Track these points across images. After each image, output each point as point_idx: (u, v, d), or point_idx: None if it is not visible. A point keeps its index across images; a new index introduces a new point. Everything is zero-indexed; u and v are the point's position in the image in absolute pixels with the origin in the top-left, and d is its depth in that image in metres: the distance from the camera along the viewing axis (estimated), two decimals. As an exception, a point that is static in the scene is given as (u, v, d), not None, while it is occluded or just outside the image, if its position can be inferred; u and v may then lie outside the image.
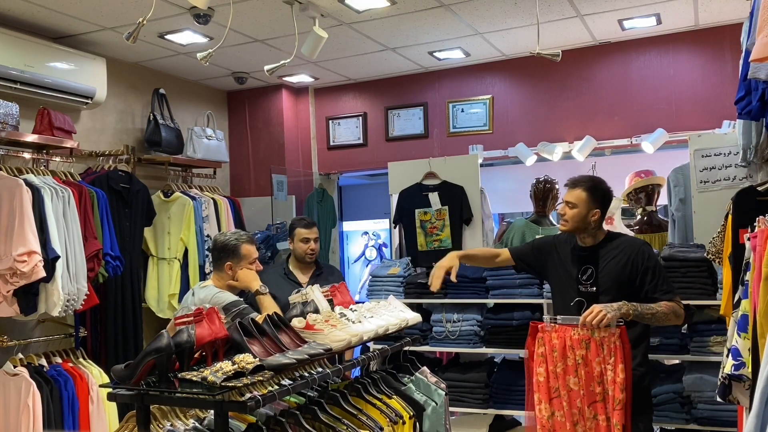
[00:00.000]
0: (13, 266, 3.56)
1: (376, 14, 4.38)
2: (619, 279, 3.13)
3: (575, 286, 3.22)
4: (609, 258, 3.18)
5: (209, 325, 2.18)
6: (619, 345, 2.91)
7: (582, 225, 3.21)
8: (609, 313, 2.90)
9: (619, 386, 2.88)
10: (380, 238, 8.01)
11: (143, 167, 5.15)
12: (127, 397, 2.08)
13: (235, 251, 3.27)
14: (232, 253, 3.27)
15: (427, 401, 2.81)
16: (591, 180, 3.27)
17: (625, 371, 2.90)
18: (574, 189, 3.22)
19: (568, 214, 3.20)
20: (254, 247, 3.36)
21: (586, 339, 2.95)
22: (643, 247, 3.21)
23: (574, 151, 5.13)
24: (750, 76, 2.25)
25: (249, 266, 3.27)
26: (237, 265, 3.26)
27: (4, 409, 3.67)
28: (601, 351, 2.93)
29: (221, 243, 3.32)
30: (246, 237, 3.36)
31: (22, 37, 4.18)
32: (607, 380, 2.92)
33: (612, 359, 2.90)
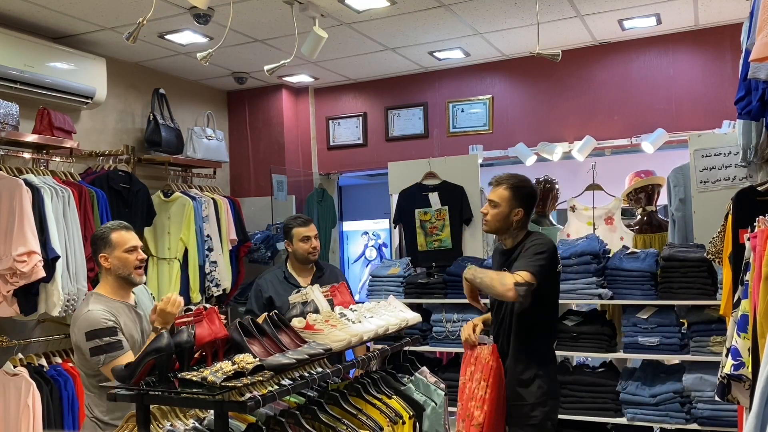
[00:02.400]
0: (12, 266, 3.56)
1: (376, 14, 4.38)
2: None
3: None
4: (518, 259, 3.01)
5: (209, 325, 2.18)
6: (487, 362, 2.93)
7: (503, 225, 3.07)
8: (467, 327, 3.04)
9: (476, 402, 2.87)
10: (380, 238, 8.01)
11: (143, 167, 5.15)
12: (127, 397, 2.08)
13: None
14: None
15: (426, 401, 2.81)
16: (515, 177, 3.12)
17: (486, 389, 2.88)
18: (498, 187, 3.08)
19: (490, 213, 3.07)
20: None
21: (477, 356, 3.01)
22: (538, 239, 3.04)
23: (574, 151, 5.13)
24: (750, 76, 2.25)
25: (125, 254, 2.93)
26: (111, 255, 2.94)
27: (4, 409, 3.67)
28: (479, 368, 2.96)
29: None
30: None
31: (22, 37, 4.18)
32: (475, 397, 2.92)
33: (479, 375, 2.93)
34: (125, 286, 2.95)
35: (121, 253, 2.89)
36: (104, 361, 2.69)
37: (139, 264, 2.93)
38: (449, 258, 4.76)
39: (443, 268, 4.62)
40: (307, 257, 3.81)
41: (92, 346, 2.71)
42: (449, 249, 4.87)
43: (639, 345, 3.84)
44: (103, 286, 2.93)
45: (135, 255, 2.92)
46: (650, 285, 3.89)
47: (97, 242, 2.94)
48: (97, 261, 2.94)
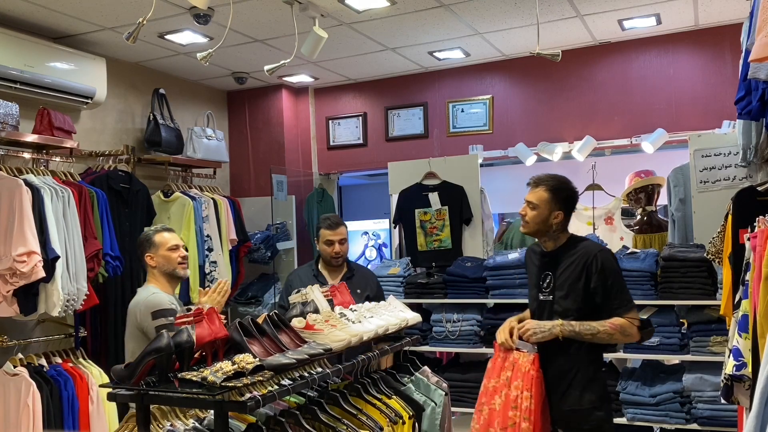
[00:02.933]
0: (12, 266, 3.56)
1: (376, 14, 4.38)
2: (575, 288, 2.90)
3: (536, 293, 3.05)
4: (566, 265, 2.94)
5: (209, 325, 2.18)
6: (528, 371, 2.85)
7: (543, 227, 2.96)
8: (537, 334, 2.86)
9: (521, 413, 2.81)
10: (380, 238, 8.01)
11: (143, 167, 5.15)
12: (127, 397, 2.08)
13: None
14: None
15: (426, 401, 2.81)
16: (555, 179, 3.00)
17: (530, 399, 2.82)
18: (536, 188, 2.98)
19: (529, 215, 2.97)
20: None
21: (515, 361, 2.91)
22: (600, 254, 2.92)
23: (574, 151, 5.13)
24: (750, 76, 2.25)
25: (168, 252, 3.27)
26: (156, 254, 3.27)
27: (4, 409, 3.67)
28: (519, 375, 2.87)
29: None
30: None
31: (22, 37, 4.18)
32: (519, 407, 2.84)
33: (521, 384, 2.85)
34: (171, 281, 3.28)
35: (164, 251, 3.24)
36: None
37: (181, 260, 3.27)
38: (449, 258, 4.76)
39: (443, 268, 4.62)
40: (329, 261, 3.78)
41: (159, 324, 2.94)
42: (449, 249, 4.87)
43: (639, 345, 3.84)
44: (152, 281, 3.26)
45: (177, 253, 3.26)
46: (650, 285, 3.89)
47: (143, 244, 3.28)
48: (144, 261, 3.28)
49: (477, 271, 4.38)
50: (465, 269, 4.45)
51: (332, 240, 3.74)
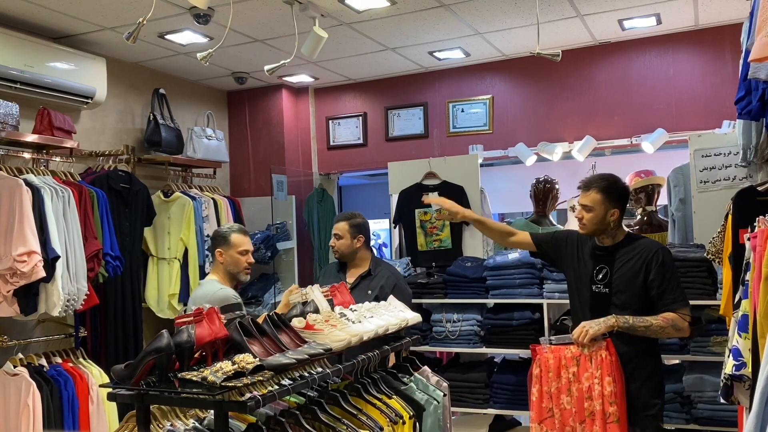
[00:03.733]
0: (12, 266, 3.56)
1: (376, 14, 4.38)
2: (633, 282, 3.06)
3: (588, 285, 3.17)
4: (625, 260, 3.10)
5: (209, 325, 2.18)
6: (605, 357, 2.92)
7: (601, 227, 3.12)
8: (591, 329, 2.94)
9: (607, 399, 2.88)
10: (380, 238, 8.01)
11: (143, 167, 5.15)
12: (127, 397, 2.08)
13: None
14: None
15: (428, 400, 2.81)
16: (604, 179, 3.15)
17: (614, 383, 2.90)
18: (588, 191, 3.11)
19: (585, 217, 3.10)
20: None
21: (577, 356, 2.98)
22: (661, 250, 3.10)
23: (574, 151, 5.13)
24: (750, 76, 2.25)
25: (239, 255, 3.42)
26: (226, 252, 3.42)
27: (4, 409, 3.67)
28: (590, 366, 2.94)
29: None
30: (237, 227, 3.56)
31: (22, 37, 4.18)
32: (595, 395, 2.91)
33: (599, 372, 2.91)
34: (232, 280, 3.41)
35: (235, 253, 3.37)
36: None
37: (248, 266, 3.41)
38: (449, 258, 4.76)
39: (443, 268, 4.62)
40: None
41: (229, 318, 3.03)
42: (449, 249, 4.87)
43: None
44: (215, 275, 3.40)
45: (246, 258, 3.40)
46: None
47: (218, 238, 3.42)
48: (213, 254, 3.44)
49: (477, 271, 4.38)
50: (465, 269, 4.45)
51: (337, 234, 3.82)
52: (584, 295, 3.19)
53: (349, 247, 3.78)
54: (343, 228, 3.78)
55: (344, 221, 3.79)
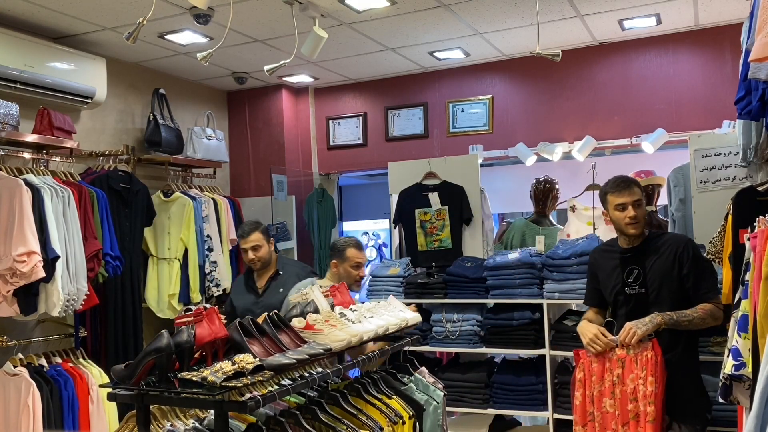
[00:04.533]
0: (12, 266, 3.56)
1: (376, 14, 4.38)
2: (668, 278, 3.09)
3: (622, 288, 3.16)
4: (655, 257, 3.12)
5: (209, 325, 2.18)
6: (651, 358, 2.93)
7: (644, 223, 3.17)
8: (639, 329, 2.94)
9: (648, 399, 2.90)
10: (380, 238, 8.01)
11: (143, 167, 5.15)
12: (127, 397, 2.08)
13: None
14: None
15: (428, 400, 2.82)
16: (631, 178, 3.26)
17: (655, 384, 2.91)
18: (633, 188, 3.14)
19: (639, 214, 3.10)
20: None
21: (622, 358, 2.99)
22: (689, 242, 3.17)
23: (574, 151, 5.13)
24: (750, 76, 2.25)
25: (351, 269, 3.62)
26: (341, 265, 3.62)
27: (4, 409, 3.67)
28: (635, 367, 2.96)
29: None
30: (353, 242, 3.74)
31: (22, 37, 4.18)
32: (640, 396, 2.93)
33: (644, 373, 2.93)
34: (349, 282, 3.52)
35: (348, 266, 3.60)
36: None
37: (359, 278, 3.63)
38: (449, 258, 4.76)
39: (443, 268, 4.61)
40: (249, 266, 4.05)
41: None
42: (449, 249, 4.87)
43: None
44: (329, 281, 3.53)
45: (358, 271, 3.60)
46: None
47: (335, 251, 3.65)
48: (329, 263, 3.67)
49: (477, 271, 4.38)
50: (465, 269, 4.44)
51: (245, 248, 3.97)
52: (619, 301, 3.18)
53: (268, 253, 4.01)
54: (258, 238, 3.96)
55: (256, 231, 3.97)
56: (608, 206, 3.20)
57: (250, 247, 3.95)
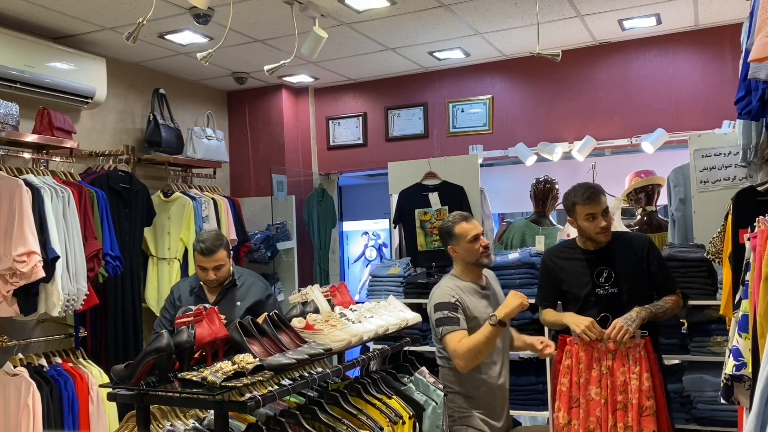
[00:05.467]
0: (12, 266, 3.56)
1: (376, 14, 4.38)
2: (637, 276, 3.22)
3: (592, 289, 3.23)
4: (623, 257, 3.23)
5: (209, 325, 2.18)
6: (644, 355, 3.04)
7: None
8: (630, 326, 3.02)
9: (645, 394, 2.99)
10: (380, 238, 8.01)
11: (143, 167, 5.15)
12: (127, 397, 2.08)
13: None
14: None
15: (427, 401, 2.82)
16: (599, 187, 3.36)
17: (651, 379, 3.02)
18: (600, 197, 3.22)
19: (608, 222, 3.21)
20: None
21: (612, 350, 3.07)
22: (651, 242, 3.34)
23: (574, 151, 5.13)
24: (750, 76, 2.25)
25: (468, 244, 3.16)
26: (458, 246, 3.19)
27: (4, 409, 3.67)
28: (627, 361, 3.04)
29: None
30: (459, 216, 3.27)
31: (22, 37, 4.18)
32: (631, 389, 3.01)
33: (637, 368, 3.02)
34: (474, 269, 3.21)
35: (465, 243, 3.16)
36: (442, 333, 2.99)
37: (483, 249, 3.18)
38: (449, 258, 4.74)
39: (443, 268, 4.61)
40: (204, 283, 3.53)
41: (437, 317, 3.02)
42: (449, 249, 4.87)
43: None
44: (455, 268, 3.26)
45: (478, 243, 3.16)
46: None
47: (444, 236, 3.25)
48: (447, 251, 3.26)
49: (477, 271, 4.37)
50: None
51: (205, 267, 3.41)
52: (590, 301, 3.23)
53: (228, 270, 3.52)
54: (223, 256, 3.44)
55: (221, 248, 3.43)
56: (576, 216, 3.26)
57: (213, 267, 3.41)
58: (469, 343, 2.91)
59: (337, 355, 2.67)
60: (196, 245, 3.46)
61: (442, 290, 3.12)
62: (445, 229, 3.22)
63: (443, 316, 2.99)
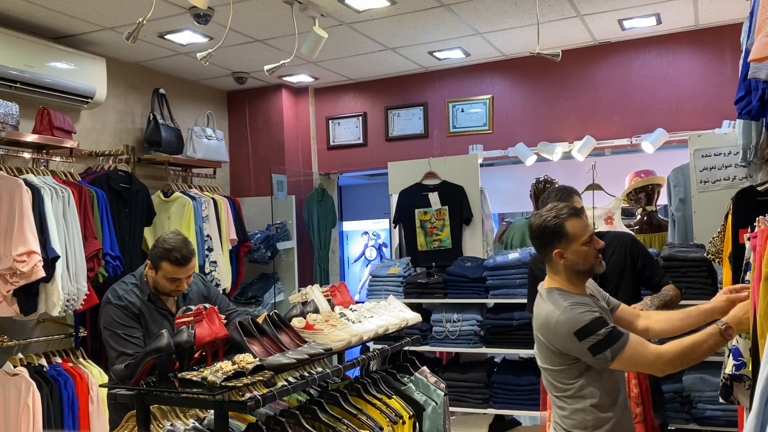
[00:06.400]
0: (12, 266, 3.56)
1: (376, 14, 4.38)
2: (624, 273, 3.22)
3: None
4: (608, 255, 3.18)
5: (209, 325, 2.18)
6: None
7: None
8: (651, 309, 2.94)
9: (634, 401, 2.98)
10: (380, 238, 8.01)
11: (143, 167, 5.15)
12: (127, 397, 2.08)
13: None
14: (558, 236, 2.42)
15: (427, 401, 2.82)
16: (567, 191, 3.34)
17: (639, 386, 3.02)
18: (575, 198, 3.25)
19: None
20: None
21: None
22: (633, 238, 3.38)
23: (574, 151, 5.13)
24: (750, 76, 2.25)
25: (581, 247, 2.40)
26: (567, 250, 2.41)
27: (4, 409, 3.67)
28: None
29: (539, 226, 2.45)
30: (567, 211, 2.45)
31: (22, 37, 4.18)
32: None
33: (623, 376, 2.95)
34: (583, 278, 2.45)
35: (579, 246, 2.38)
36: (613, 355, 2.24)
37: (598, 254, 2.43)
38: (449, 258, 4.76)
39: (443, 268, 4.62)
40: (167, 293, 3.06)
41: (591, 344, 2.26)
42: (449, 249, 4.87)
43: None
44: (554, 278, 2.45)
45: (593, 246, 2.41)
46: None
47: (549, 235, 2.41)
48: (549, 256, 2.42)
49: (477, 271, 4.38)
50: (465, 269, 4.45)
51: (178, 278, 2.98)
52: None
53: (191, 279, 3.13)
54: (194, 264, 3.05)
55: (192, 258, 3.00)
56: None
57: (187, 277, 3.01)
58: (683, 345, 2.24)
59: (337, 355, 2.67)
60: (167, 255, 2.94)
61: (569, 313, 2.31)
62: (550, 227, 2.39)
63: (599, 338, 2.25)
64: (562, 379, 2.39)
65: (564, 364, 2.36)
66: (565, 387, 2.38)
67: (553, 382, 2.43)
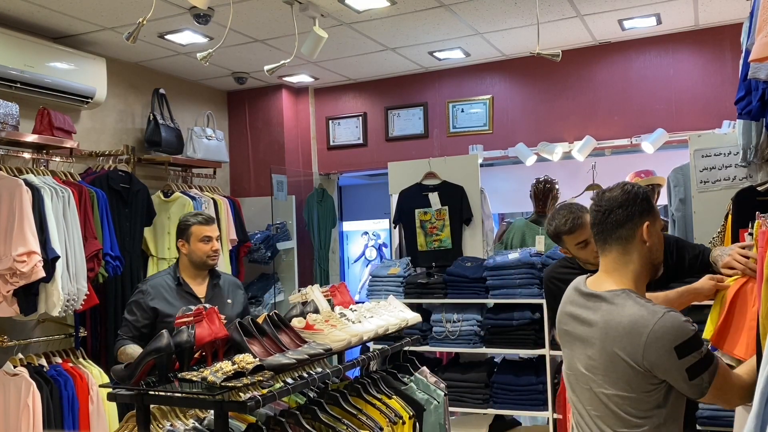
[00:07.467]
0: (12, 266, 3.56)
1: (376, 14, 4.38)
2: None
3: None
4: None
5: (209, 325, 2.18)
6: None
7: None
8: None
9: None
10: (380, 238, 8.01)
11: (143, 167, 5.15)
12: (127, 397, 2.08)
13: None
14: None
15: (429, 399, 2.82)
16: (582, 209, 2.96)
17: None
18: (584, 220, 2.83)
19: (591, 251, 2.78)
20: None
21: None
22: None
23: (574, 151, 5.13)
24: (750, 76, 2.25)
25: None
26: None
27: (4, 409, 3.67)
28: None
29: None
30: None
31: (22, 37, 4.18)
32: None
33: None
34: (645, 280, 2.03)
35: (655, 239, 1.97)
36: (709, 381, 1.75)
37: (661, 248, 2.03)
38: (449, 258, 4.76)
39: (443, 268, 4.62)
40: (204, 261, 3.24)
41: (692, 363, 1.74)
42: (449, 249, 4.87)
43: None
44: (625, 278, 1.96)
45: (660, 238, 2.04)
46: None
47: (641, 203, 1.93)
48: (632, 233, 1.93)
49: (477, 271, 4.38)
50: (465, 269, 4.45)
51: (210, 236, 3.24)
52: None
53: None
54: (216, 227, 3.35)
55: (214, 220, 3.35)
56: (566, 245, 2.94)
57: (216, 236, 3.28)
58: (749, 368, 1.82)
59: (337, 355, 2.67)
60: (194, 219, 3.25)
61: (671, 321, 1.76)
62: (642, 195, 1.94)
63: (699, 357, 1.75)
64: (636, 411, 1.81)
65: (644, 390, 1.79)
66: (637, 422, 1.81)
67: (620, 413, 1.82)
